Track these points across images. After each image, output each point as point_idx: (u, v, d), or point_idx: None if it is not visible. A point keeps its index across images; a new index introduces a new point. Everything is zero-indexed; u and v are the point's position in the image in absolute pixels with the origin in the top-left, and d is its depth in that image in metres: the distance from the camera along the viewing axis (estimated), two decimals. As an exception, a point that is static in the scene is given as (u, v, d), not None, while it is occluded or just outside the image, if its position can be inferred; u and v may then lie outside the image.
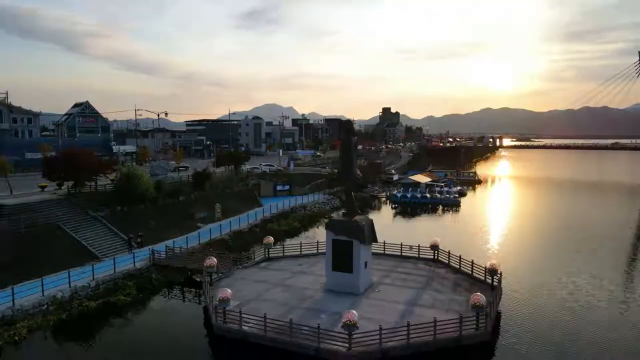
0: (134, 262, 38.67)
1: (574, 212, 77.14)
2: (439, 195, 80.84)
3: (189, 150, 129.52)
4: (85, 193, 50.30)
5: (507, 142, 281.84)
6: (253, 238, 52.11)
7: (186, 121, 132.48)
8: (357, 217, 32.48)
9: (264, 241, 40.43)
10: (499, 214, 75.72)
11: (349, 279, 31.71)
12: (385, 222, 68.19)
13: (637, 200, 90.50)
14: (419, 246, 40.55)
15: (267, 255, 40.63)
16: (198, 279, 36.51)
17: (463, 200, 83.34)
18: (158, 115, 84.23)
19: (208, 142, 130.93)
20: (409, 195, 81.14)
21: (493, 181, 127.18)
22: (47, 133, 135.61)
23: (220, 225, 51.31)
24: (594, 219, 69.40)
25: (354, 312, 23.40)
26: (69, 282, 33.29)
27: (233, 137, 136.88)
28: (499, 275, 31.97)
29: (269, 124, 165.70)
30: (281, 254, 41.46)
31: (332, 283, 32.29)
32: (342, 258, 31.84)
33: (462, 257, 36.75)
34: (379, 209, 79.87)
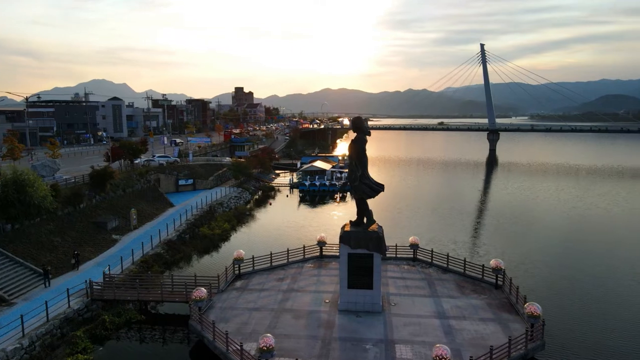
0: (69, 300, 29.37)
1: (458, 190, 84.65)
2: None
3: (35, 137, 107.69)
4: (-47, 209, 36.77)
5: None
6: (189, 248, 44.71)
7: (27, 101, 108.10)
8: (373, 226, 29.17)
9: (235, 256, 34.38)
10: (404, 195, 78.70)
11: (368, 297, 28.45)
12: (307, 214, 65.43)
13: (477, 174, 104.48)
14: (396, 245, 38.87)
15: (238, 272, 34.71)
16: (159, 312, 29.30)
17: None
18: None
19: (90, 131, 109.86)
20: (317, 184, 79.29)
21: (375, 163, 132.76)
22: None
23: (151, 236, 42.62)
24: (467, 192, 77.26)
25: (445, 347, 20.47)
26: (-6, 347, 23.59)
27: (90, 120, 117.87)
28: (502, 273, 31.99)
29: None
30: (250, 269, 35.82)
31: (348, 302, 28.59)
32: (360, 274, 28.36)
33: (449, 255, 36.21)
34: (274, 197, 76.35)
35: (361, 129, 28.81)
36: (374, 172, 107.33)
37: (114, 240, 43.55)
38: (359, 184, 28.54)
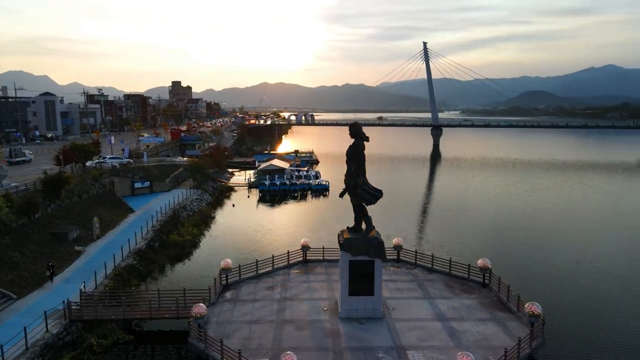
0: (46, 324, 26.81)
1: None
2: (308, 181, 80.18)
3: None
4: None
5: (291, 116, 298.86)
6: (162, 258, 42.45)
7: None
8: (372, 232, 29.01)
9: (222, 265, 32.88)
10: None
11: (370, 303, 28.32)
12: (273, 215, 64.36)
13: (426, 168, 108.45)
14: (379, 247, 38.97)
15: (225, 283, 33.37)
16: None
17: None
18: None
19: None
20: (278, 183, 78.16)
21: (326, 160, 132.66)
22: None
23: (122, 246, 39.91)
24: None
25: (469, 354, 20.76)
26: (-28, 385, 21.05)
27: (21, 118, 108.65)
28: (489, 272, 33.06)
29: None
30: (236, 278, 34.56)
31: (349, 310, 28.29)
32: (361, 280, 28.18)
33: (434, 255, 36.95)
34: (229, 197, 74.55)
35: (359, 135, 28.40)
36: (328, 170, 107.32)
37: (78, 252, 40.38)
38: (360, 190, 28.17)
